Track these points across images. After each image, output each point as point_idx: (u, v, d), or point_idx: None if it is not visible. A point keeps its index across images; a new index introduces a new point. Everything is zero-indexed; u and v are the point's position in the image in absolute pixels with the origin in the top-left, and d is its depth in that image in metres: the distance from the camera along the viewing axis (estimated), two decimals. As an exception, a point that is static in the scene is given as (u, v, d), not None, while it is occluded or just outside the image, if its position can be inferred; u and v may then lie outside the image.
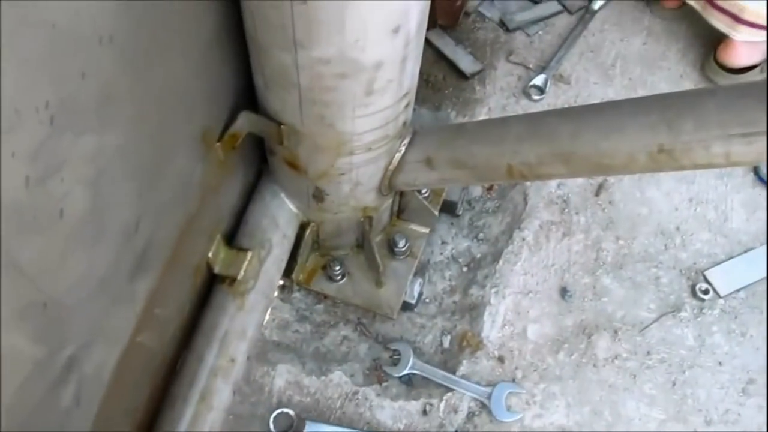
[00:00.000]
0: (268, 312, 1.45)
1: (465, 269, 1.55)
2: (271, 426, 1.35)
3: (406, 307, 1.46)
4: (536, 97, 1.71)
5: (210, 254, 1.11)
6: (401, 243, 1.40)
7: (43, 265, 0.64)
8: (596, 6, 1.84)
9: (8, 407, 0.65)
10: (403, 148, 1.11)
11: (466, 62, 1.75)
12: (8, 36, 0.50)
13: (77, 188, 0.66)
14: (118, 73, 0.69)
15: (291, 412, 1.36)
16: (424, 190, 1.40)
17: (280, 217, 1.24)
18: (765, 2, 1.50)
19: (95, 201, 0.71)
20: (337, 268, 1.38)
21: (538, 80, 1.72)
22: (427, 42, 1.67)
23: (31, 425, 0.70)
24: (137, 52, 0.71)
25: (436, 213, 1.43)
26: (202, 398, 1.07)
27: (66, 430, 0.79)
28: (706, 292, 1.48)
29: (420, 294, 1.47)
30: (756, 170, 1.62)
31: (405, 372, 1.41)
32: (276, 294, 1.46)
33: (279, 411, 1.36)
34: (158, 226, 0.90)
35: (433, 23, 1.76)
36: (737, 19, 1.56)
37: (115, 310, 0.85)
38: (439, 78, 1.76)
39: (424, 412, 1.38)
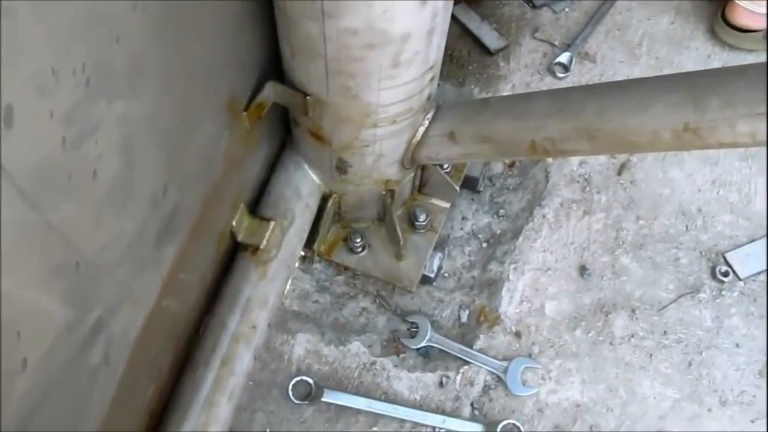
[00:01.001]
0: (289, 282, 1.46)
1: (484, 245, 1.55)
2: (290, 393, 1.38)
3: (425, 280, 1.47)
4: (561, 75, 1.70)
5: (234, 223, 1.13)
6: (422, 217, 1.40)
7: (76, 225, 0.66)
8: (624, -17, 1.82)
9: (40, 362, 0.67)
10: (426, 122, 1.12)
11: (490, 38, 1.75)
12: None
13: (110, 151, 0.68)
14: (150, 38, 0.70)
15: (310, 380, 1.39)
16: (445, 165, 1.41)
17: (303, 187, 1.25)
18: None
19: (126, 165, 0.72)
20: (358, 240, 1.40)
21: (563, 58, 1.71)
22: (453, 17, 1.66)
23: (63, 380, 0.73)
24: (168, 19, 0.72)
25: (458, 188, 1.43)
26: (224, 363, 1.10)
27: (95, 386, 0.81)
28: (725, 274, 1.48)
29: (439, 268, 1.48)
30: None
31: (422, 344, 1.43)
32: (297, 264, 1.48)
33: (298, 379, 1.39)
34: (184, 192, 0.91)
35: (458, -2, 1.75)
36: None
37: (142, 273, 0.87)
38: (464, 53, 1.76)
39: (441, 384, 1.40)
